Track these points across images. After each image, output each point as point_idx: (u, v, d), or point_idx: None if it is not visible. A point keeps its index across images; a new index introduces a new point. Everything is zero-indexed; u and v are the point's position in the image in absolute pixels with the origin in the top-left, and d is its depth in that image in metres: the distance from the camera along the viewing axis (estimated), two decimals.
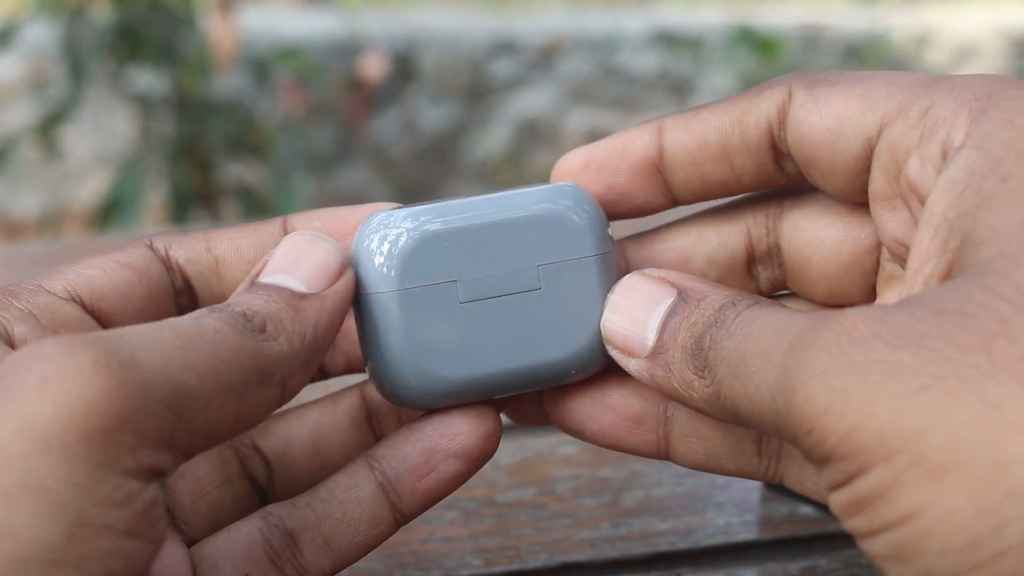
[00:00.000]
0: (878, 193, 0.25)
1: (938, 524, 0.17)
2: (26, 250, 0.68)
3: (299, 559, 0.26)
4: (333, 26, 2.11)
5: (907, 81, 0.24)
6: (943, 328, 0.19)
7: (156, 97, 1.68)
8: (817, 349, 0.20)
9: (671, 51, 2.27)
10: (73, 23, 1.54)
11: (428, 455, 0.26)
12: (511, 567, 0.33)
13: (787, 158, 0.26)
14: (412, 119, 2.17)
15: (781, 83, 0.26)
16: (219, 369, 0.21)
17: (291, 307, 0.24)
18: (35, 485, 0.18)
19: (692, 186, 0.27)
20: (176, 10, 1.61)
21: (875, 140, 0.24)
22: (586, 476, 0.39)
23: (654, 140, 0.27)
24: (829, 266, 0.27)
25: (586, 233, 0.26)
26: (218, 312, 0.23)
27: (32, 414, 0.19)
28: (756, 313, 0.22)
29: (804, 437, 0.20)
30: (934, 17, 2.52)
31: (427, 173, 2.18)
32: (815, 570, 0.33)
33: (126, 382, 0.19)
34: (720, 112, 0.27)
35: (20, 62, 1.93)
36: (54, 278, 0.26)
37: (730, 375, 0.22)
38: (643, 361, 0.25)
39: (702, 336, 0.23)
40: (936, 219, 0.22)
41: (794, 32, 2.32)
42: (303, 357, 0.23)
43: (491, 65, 2.21)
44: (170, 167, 1.62)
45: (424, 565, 0.33)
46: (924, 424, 0.18)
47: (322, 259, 0.25)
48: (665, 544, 0.34)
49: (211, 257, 0.28)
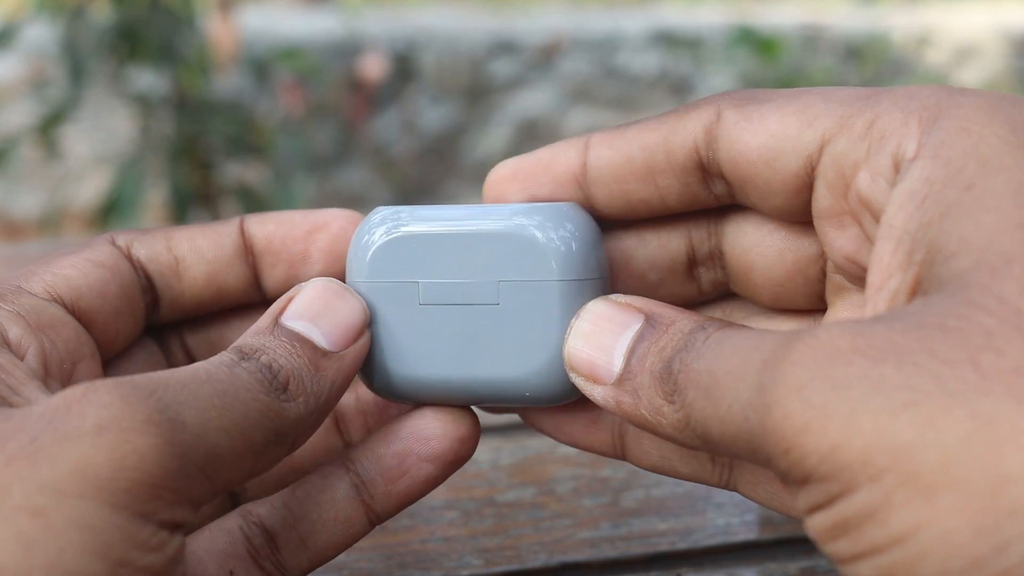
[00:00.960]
0: (824, 210, 0.24)
1: (934, 546, 0.17)
2: (26, 250, 0.68)
3: (277, 557, 0.26)
4: (333, 26, 2.11)
5: (845, 95, 0.24)
6: (925, 342, 0.18)
7: (156, 97, 1.68)
8: (792, 364, 0.19)
9: (671, 51, 2.27)
10: (73, 23, 1.54)
11: (401, 458, 0.27)
12: (511, 567, 0.33)
13: (717, 179, 0.26)
14: (412, 119, 2.17)
15: (709, 103, 0.26)
16: (247, 431, 0.22)
17: (312, 365, 0.24)
18: (84, 525, 0.19)
19: (614, 203, 0.27)
20: (176, 10, 1.61)
21: (816, 157, 0.24)
22: (586, 476, 0.39)
23: (579, 156, 0.27)
24: (773, 273, 0.27)
25: (552, 257, 0.26)
26: (248, 362, 0.23)
27: (87, 459, 0.20)
28: (727, 334, 0.22)
29: (781, 457, 0.19)
30: (934, 17, 2.52)
31: (427, 173, 2.18)
32: (815, 570, 0.33)
33: (172, 442, 0.20)
34: (646, 131, 0.26)
35: (20, 62, 1.93)
36: (32, 279, 0.26)
37: (700, 397, 0.21)
38: (609, 388, 0.24)
39: (671, 360, 0.23)
40: (896, 232, 0.21)
41: (794, 32, 2.32)
42: (314, 418, 0.24)
43: (491, 65, 2.21)
44: (170, 167, 1.62)
45: (424, 565, 0.33)
46: (913, 441, 0.17)
47: (347, 317, 0.26)
48: (665, 544, 0.34)
49: (171, 256, 0.28)
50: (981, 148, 0.20)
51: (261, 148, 1.69)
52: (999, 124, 0.21)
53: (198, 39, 1.63)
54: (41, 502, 0.19)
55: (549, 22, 2.35)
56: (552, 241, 0.26)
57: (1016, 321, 0.18)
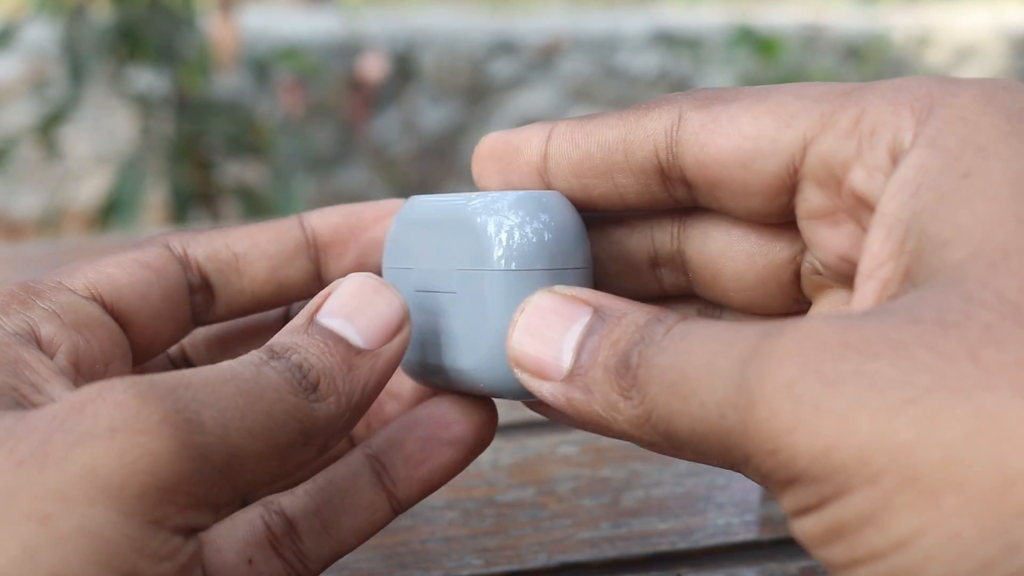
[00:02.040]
0: (814, 211, 0.23)
1: (940, 549, 0.16)
2: (26, 250, 0.68)
3: (299, 545, 0.26)
4: (333, 26, 2.11)
5: (819, 92, 0.23)
6: (923, 337, 0.17)
7: (156, 97, 1.68)
8: (779, 359, 0.18)
9: (671, 51, 2.27)
10: (73, 23, 1.54)
11: (424, 443, 0.27)
12: (511, 567, 0.33)
13: (677, 183, 0.25)
14: (412, 119, 2.17)
15: (669, 103, 0.25)
16: (271, 432, 0.22)
17: (345, 364, 0.23)
18: (92, 533, 0.19)
19: (574, 196, 0.26)
20: (176, 10, 1.61)
21: (800, 157, 0.23)
22: (586, 476, 0.39)
23: (541, 145, 0.26)
24: (744, 279, 0.26)
25: (499, 247, 0.25)
26: (277, 361, 0.23)
27: (97, 463, 0.19)
28: (690, 326, 0.21)
29: (765, 457, 0.18)
30: (934, 17, 2.52)
31: (427, 173, 2.18)
32: (815, 570, 0.33)
33: (188, 444, 0.20)
34: (605, 127, 0.25)
35: (20, 62, 1.93)
36: (75, 276, 0.26)
37: (665, 393, 0.20)
38: (559, 384, 0.23)
39: (628, 354, 0.21)
40: (888, 220, 0.20)
41: (794, 32, 2.32)
42: (346, 419, 0.23)
43: (491, 65, 2.21)
44: (170, 167, 1.62)
45: (424, 565, 0.33)
46: (914, 440, 0.16)
47: (385, 313, 0.24)
48: (665, 544, 0.34)
49: (231, 253, 0.28)
50: (978, 137, 0.20)
51: (261, 148, 1.69)
52: (995, 113, 0.20)
53: (198, 39, 1.64)
54: (48, 508, 0.19)
55: (549, 22, 2.35)
56: (499, 231, 0.25)
57: (1016, 316, 0.17)
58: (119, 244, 0.28)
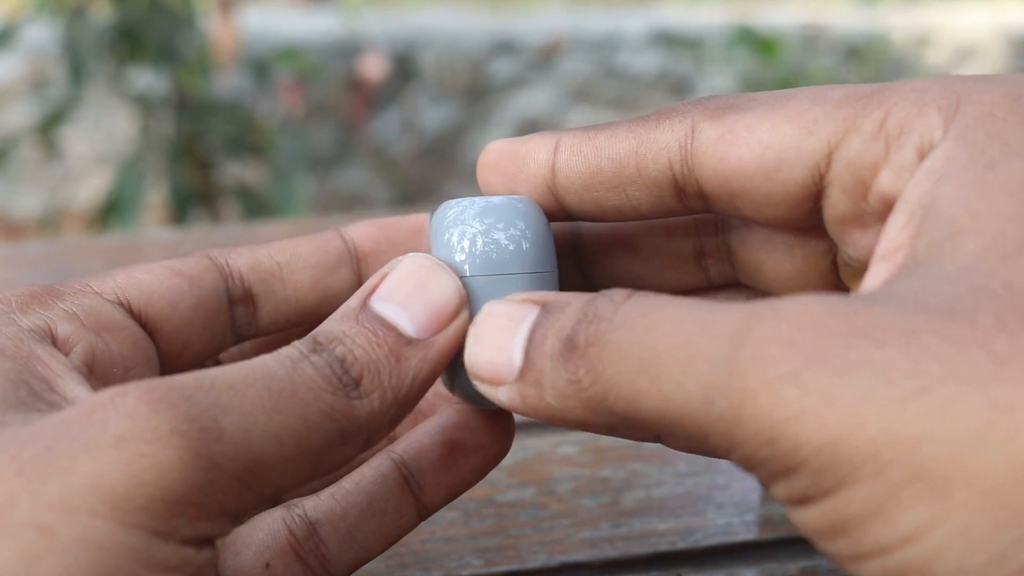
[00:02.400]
0: (841, 215, 0.23)
1: (951, 542, 0.16)
2: (26, 250, 0.68)
3: (322, 550, 0.25)
4: (333, 26, 2.11)
5: (839, 96, 0.23)
6: (933, 324, 0.17)
7: (156, 97, 1.68)
8: (779, 345, 0.18)
9: (671, 51, 2.27)
10: (73, 23, 1.54)
11: (450, 449, 0.26)
12: (511, 567, 0.33)
13: (692, 196, 0.25)
14: (412, 119, 2.17)
15: (680, 115, 0.24)
16: (303, 435, 0.21)
17: (393, 355, 0.23)
18: (93, 544, 0.18)
19: (586, 209, 0.26)
20: (176, 10, 1.61)
21: (825, 164, 0.22)
22: (586, 476, 0.39)
23: (548, 157, 0.26)
24: (783, 269, 0.26)
25: (463, 252, 0.25)
26: (318, 356, 0.22)
27: (101, 474, 0.19)
28: (649, 304, 0.20)
29: (760, 446, 0.18)
30: (934, 17, 2.52)
31: (427, 173, 2.18)
32: (815, 570, 0.33)
33: (201, 455, 0.19)
34: (615, 140, 0.25)
35: (20, 62, 1.93)
36: (104, 280, 0.26)
37: (631, 371, 0.19)
38: (512, 386, 0.22)
39: (573, 334, 0.21)
40: (909, 206, 0.20)
41: (794, 32, 2.32)
42: (391, 415, 0.23)
43: (491, 65, 2.21)
44: (170, 167, 1.62)
45: (424, 565, 0.33)
46: (924, 433, 0.16)
47: (442, 299, 0.24)
48: (665, 544, 0.34)
49: (274, 263, 0.28)
50: (1005, 133, 0.20)
51: (261, 148, 1.69)
52: (1023, 112, 0.20)
53: (198, 39, 1.64)
54: (49, 518, 0.18)
55: (549, 22, 2.35)
56: (440, 233, 0.25)
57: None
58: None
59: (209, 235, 0.73)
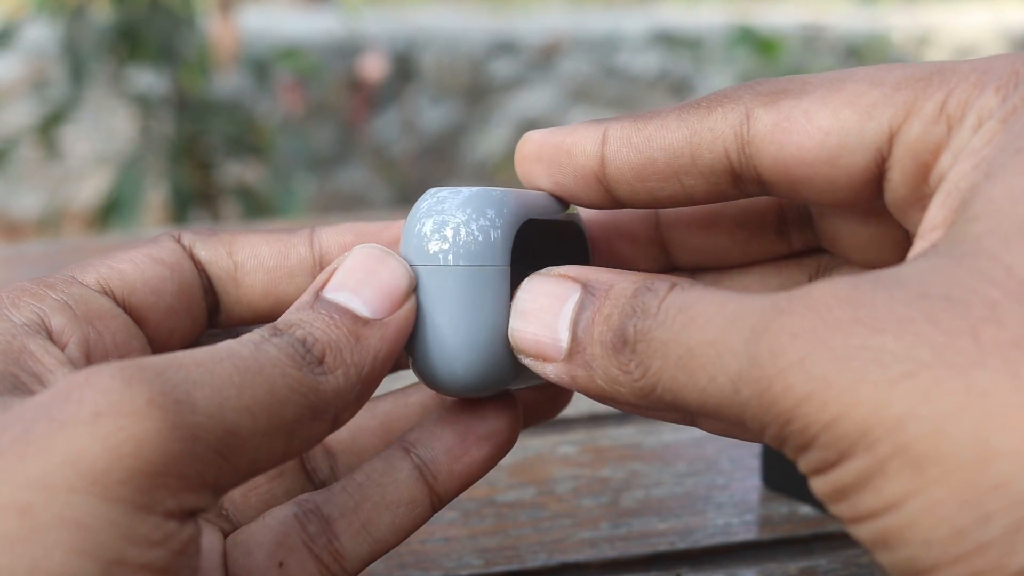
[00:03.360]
0: (903, 198, 0.23)
1: (921, 515, 0.17)
2: (26, 250, 0.68)
3: (335, 545, 0.25)
4: (333, 26, 2.11)
5: (897, 78, 0.23)
6: (928, 312, 0.18)
7: (156, 97, 1.68)
8: (791, 336, 0.19)
9: (671, 51, 2.27)
10: (73, 23, 1.54)
11: (462, 437, 0.26)
12: (511, 567, 0.33)
13: (750, 182, 0.25)
14: (412, 119, 2.17)
15: (733, 101, 0.24)
16: (273, 408, 0.21)
17: (352, 335, 0.23)
18: (74, 522, 0.18)
19: (638, 199, 0.26)
20: (176, 10, 1.61)
21: (887, 148, 0.22)
22: (586, 476, 0.39)
23: (597, 150, 0.25)
24: (859, 237, 0.26)
25: (444, 242, 0.25)
26: (279, 338, 0.22)
27: (80, 450, 0.18)
28: (687, 298, 0.21)
29: (781, 427, 0.19)
30: (934, 17, 2.52)
31: (427, 173, 2.18)
32: (815, 570, 0.33)
33: (178, 425, 0.19)
34: (666, 130, 0.25)
35: (20, 62, 1.93)
36: (87, 271, 0.26)
37: (671, 367, 0.21)
38: (561, 364, 0.23)
39: (622, 328, 0.22)
40: (948, 186, 0.21)
41: (794, 32, 2.32)
42: (358, 391, 0.23)
43: (491, 65, 2.21)
44: (170, 167, 1.62)
45: (424, 565, 0.33)
46: (907, 412, 0.17)
47: (392, 282, 0.24)
48: (665, 544, 0.34)
49: (231, 262, 0.27)
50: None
51: (261, 148, 1.69)
52: None
53: (198, 39, 1.64)
54: (29, 498, 0.18)
55: (549, 22, 2.35)
56: (409, 224, 0.25)
57: (1021, 293, 0.18)
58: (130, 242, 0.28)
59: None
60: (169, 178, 1.62)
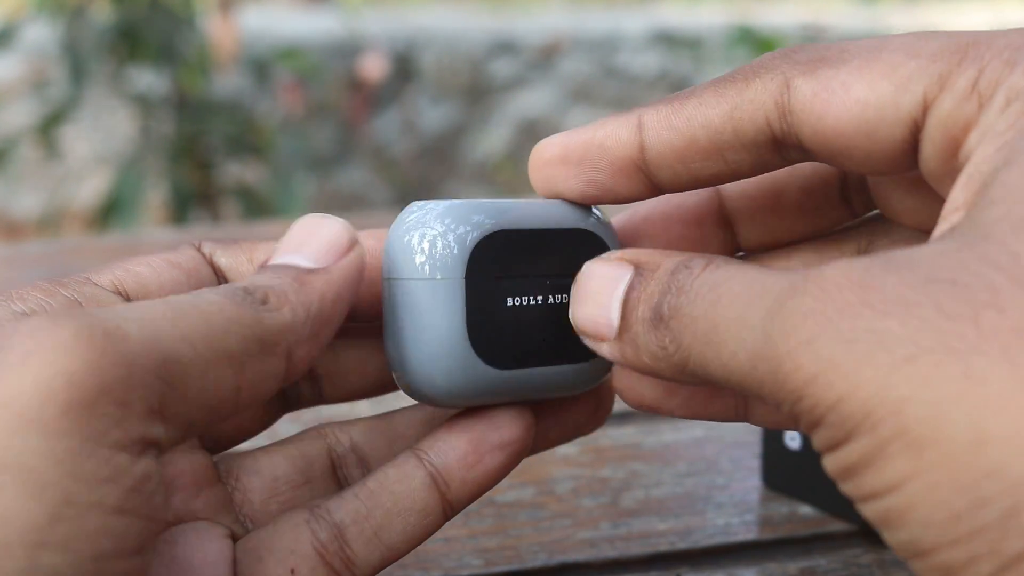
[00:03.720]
0: (934, 171, 0.23)
1: (920, 497, 0.17)
2: (26, 250, 0.68)
3: (347, 552, 0.25)
4: (333, 26, 2.11)
5: (933, 50, 0.22)
6: (934, 297, 0.18)
7: (156, 97, 1.68)
8: (802, 316, 0.19)
9: (671, 51, 2.27)
10: (73, 23, 1.54)
11: (476, 445, 0.26)
12: (511, 567, 0.33)
13: (793, 149, 0.25)
14: (412, 119, 2.17)
15: (770, 71, 0.24)
16: (213, 337, 0.21)
17: (296, 281, 0.24)
18: (15, 465, 0.18)
19: (681, 181, 0.26)
20: (176, 10, 1.61)
21: (921, 121, 0.22)
22: (586, 476, 0.39)
23: (633, 138, 0.25)
24: (908, 203, 0.26)
25: (422, 255, 0.25)
26: (219, 288, 0.23)
27: (12, 392, 0.18)
28: (719, 276, 0.22)
29: (793, 404, 0.19)
30: (934, 17, 2.52)
31: (427, 173, 2.18)
32: (815, 570, 0.33)
33: (108, 352, 0.19)
34: (706, 106, 0.25)
35: (20, 62, 1.93)
36: (102, 273, 0.26)
37: (699, 342, 0.21)
38: (614, 343, 0.24)
39: (659, 305, 0.23)
40: (970, 169, 0.21)
41: (794, 32, 2.32)
42: (310, 327, 0.23)
43: (491, 65, 2.21)
44: (170, 167, 1.62)
45: (424, 565, 0.33)
46: (907, 395, 0.18)
47: (330, 236, 0.25)
48: (665, 544, 0.34)
49: (251, 268, 0.27)
50: None
51: (261, 148, 1.69)
52: None
53: (198, 39, 1.64)
54: None
55: (549, 22, 2.35)
56: (421, 241, 0.26)
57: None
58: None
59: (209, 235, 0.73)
60: (169, 178, 1.62)
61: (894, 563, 0.33)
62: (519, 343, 0.26)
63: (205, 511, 0.26)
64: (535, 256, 0.26)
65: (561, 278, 0.26)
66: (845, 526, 0.35)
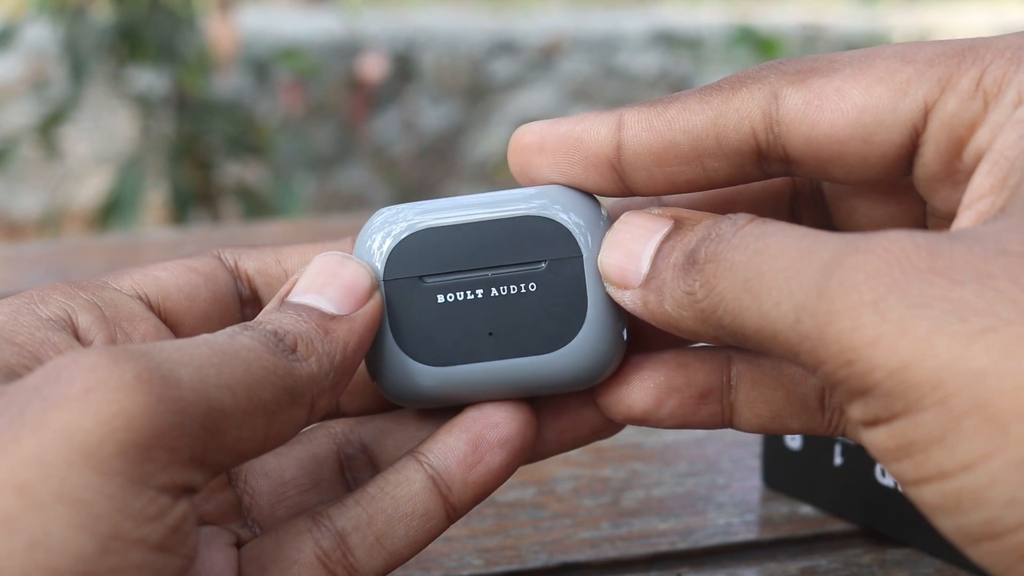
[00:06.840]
0: (935, 174, 0.23)
1: (1006, 473, 0.17)
2: (26, 250, 0.68)
3: (350, 560, 0.25)
4: (333, 26, 2.11)
5: (929, 54, 0.23)
6: (1008, 268, 0.18)
7: (156, 97, 1.68)
8: (866, 275, 0.18)
9: (671, 51, 2.27)
10: (73, 23, 1.54)
11: (475, 445, 0.26)
12: (511, 567, 0.33)
13: (775, 162, 0.25)
14: (412, 119, 2.17)
15: (757, 81, 0.24)
16: (252, 388, 0.21)
17: (321, 328, 0.24)
18: (72, 497, 0.18)
19: (655, 184, 0.25)
20: (176, 10, 1.61)
21: (922, 124, 0.23)
22: (586, 476, 0.39)
23: (611, 136, 0.25)
24: (876, 215, 0.26)
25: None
26: (251, 330, 0.23)
27: (72, 425, 0.19)
28: (767, 228, 0.21)
29: (840, 366, 0.19)
30: (934, 16, 2.52)
31: (427, 173, 2.18)
32: (815, 570, 0.33)
33: (165, 399, 0.20)
34: (689, 111, 0.24)
35: (20, 62, 1.93)
36: (121, 277, 0.26)
37: (738, 288, 0.21)
38: (636, 291, 0.24)
39: (695, 250, 0.22)
40: (995, 156, 0.21)
41: (794, 32, 2.32)
42: (332, 378, 0.24)
43: (491, 65, 2.21)
44: (170, 167, 1.62)
45: (424, 565, 0.33)
46: (988, 367, 0.17)
47: (352, 281, 0.25)
48: (665, 544, 0.34)
49: (280, 269, 0.28)
50: None
51: (261, 148, 1.69)
52: None
53: (198, 39, 1.64)
54: (25, 475, 0.18)
55: (549, 22, 2.35)
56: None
57: None
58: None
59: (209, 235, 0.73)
60: (169, 178, 1.62)
61: (894, 563, 0.33)
62: (458, 339, 0.26)
63: (214, 514, 0.27)
64: (473, 249, 0.26)
65: (508, 268, 0.26)
66: (845, 526, 0.35)
